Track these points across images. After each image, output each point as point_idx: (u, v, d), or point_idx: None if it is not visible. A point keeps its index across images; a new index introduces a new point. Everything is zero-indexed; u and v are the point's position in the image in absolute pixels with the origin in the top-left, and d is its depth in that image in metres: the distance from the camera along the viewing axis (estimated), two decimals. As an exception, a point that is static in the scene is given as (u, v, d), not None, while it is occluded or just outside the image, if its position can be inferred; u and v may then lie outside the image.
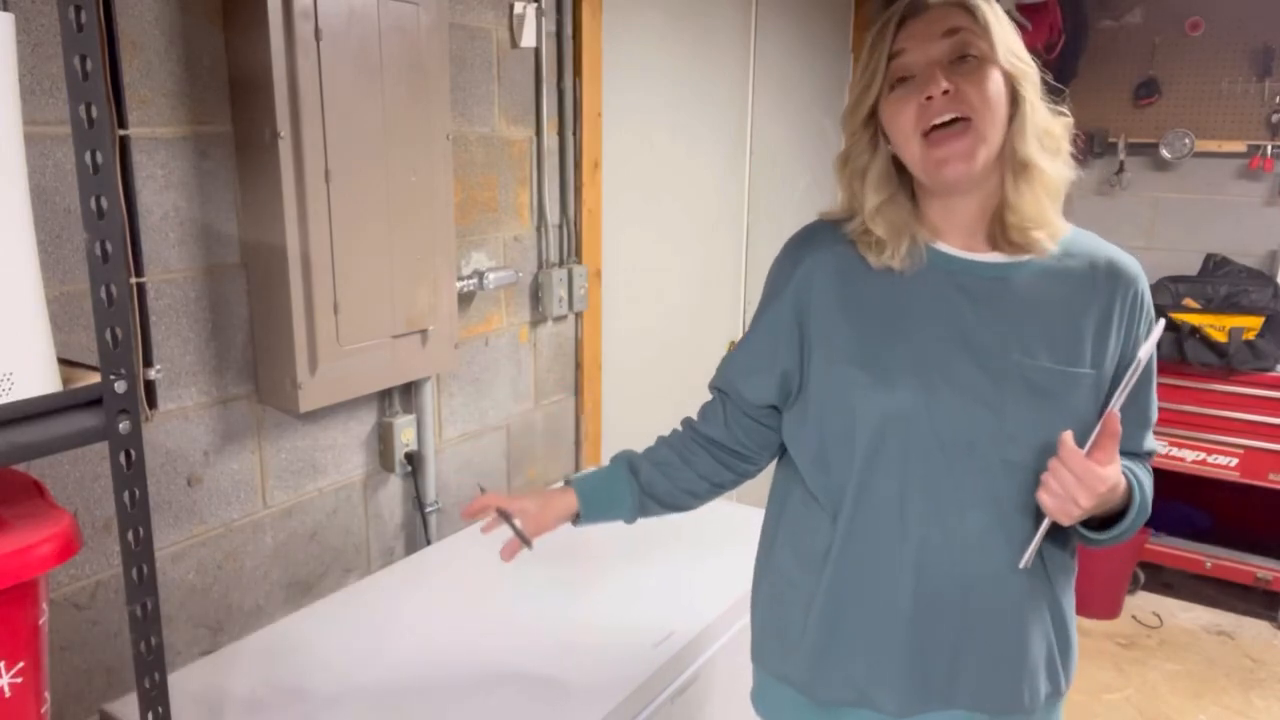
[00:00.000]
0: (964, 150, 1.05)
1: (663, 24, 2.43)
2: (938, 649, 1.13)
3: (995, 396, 1.08)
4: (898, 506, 1.11)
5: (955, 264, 1.13)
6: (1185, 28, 3.55)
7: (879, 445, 1.11)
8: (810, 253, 1.19)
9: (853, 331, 1.14)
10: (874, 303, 1.14)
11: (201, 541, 1.51)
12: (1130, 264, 1.15)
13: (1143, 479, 1.14)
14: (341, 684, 1.38)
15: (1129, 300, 1.13)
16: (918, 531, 1.11)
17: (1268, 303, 3.16)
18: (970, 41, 1.06)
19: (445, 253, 1.70)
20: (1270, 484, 3.16)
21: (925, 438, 1.09)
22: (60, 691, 1.33)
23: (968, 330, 1.10)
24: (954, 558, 1.11)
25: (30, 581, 0.86)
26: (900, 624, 1.13)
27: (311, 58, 1.41)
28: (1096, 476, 0.99)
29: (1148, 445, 1.19)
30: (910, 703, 1.15)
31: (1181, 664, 3.04)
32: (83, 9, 0.80)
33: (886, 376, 1.10)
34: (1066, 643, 1.19)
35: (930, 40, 1.06)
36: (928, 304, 1.12)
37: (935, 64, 1.05)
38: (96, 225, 0.84)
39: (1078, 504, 1.00)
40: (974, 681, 1.14)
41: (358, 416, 1.75)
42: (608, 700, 1.36)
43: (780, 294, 1.20)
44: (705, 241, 2.74)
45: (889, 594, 1.13)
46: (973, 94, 1.04)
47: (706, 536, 1.90)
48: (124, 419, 0.89)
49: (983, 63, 1.06)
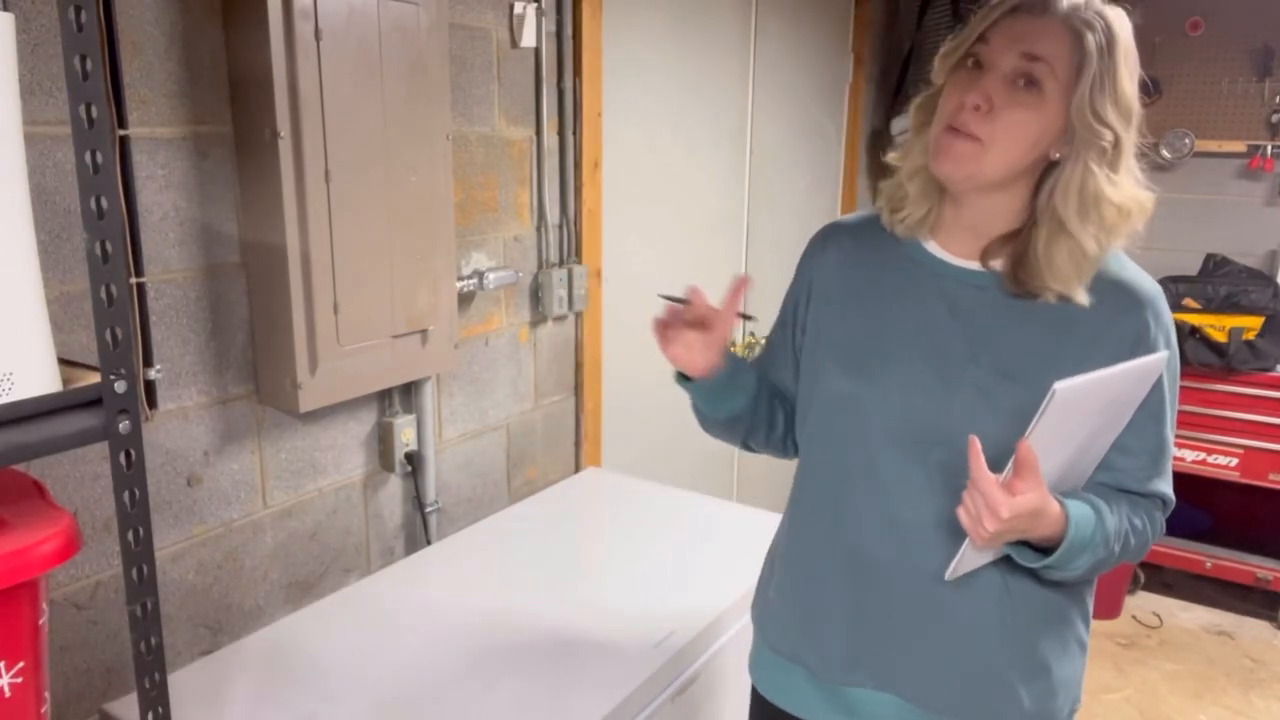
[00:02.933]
0: (962, 157, 1.04)
1: (663, 24, 2.43)
2: (875, 629, 1.15)
3: (944, 400, 1.08)
4: (840, 486, 1.17)
5: (942, 268, 1.14)
6: (1185, 28, 3.55)
7: (829, 426, 1.18)
8: (836, 238, 1.25)
9: (836, 318, 1.20)
10: (861, 293, 1.18)
11: (201, 541, 1.51)
12: (1143, 288, 1.09)
13: (1105, 515, 1.04)
14: (341, 684, 1.38)
15: (1133, 327, 1.07)
16: (856, 514, 1.15)
17: (1268, 303, 3.16)
18: (1042, 79, 1.01)
19: (445, 253, 1.70)
20: (1270, 484, 3.16)
21: (872, 426, 1.13)
22: (60, 691, 1.33)
23: (935, 333, 1.11)
24: (892, 547, 1.13)
25: (30, 581, 0.86)
26: (837, 595, 1.17)
27: (311, 58, 1.41)
28: (1000, 502, 0.94)
29: (1152, 487, 1.11)
30: (836, 671, 1.18)
31: (1181, 664, 3.04)
32: (83, 9, 0.80)
33: (849, 363, 1.16)
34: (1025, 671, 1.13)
35: (1009, 51, 1.02)
36: (907, 301, 1.14)
37: (996, 73, 1.03)
38: (96, 225, 0.84)
39: (985, 526, 0.96)
40: (916, 673, 1.14)
41: (358, 416, 1.75)
42: (608, 700, 1.36)
43: (800, 270, 1.28)
44: (705, 241, 2.74)
45: (829, 566, 1.18)
46: (1001, 124, 1.02)
47: (707, 536, 1.90)
48: (124, 419, 0.89)
49: (1037, 100, 1.02)
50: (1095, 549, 1.03)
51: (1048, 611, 1.14)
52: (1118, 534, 1.06)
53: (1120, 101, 1.02)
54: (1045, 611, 1.13)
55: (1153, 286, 1.10)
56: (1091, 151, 1.02)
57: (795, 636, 1.23)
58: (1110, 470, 1.10)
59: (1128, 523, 1.08)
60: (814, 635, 1.20)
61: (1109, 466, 1.10)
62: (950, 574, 1.06)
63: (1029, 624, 1.13)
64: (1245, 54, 3.47)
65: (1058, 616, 1.15)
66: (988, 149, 1.03)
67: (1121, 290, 1.08)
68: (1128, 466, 1.10)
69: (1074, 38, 1.01)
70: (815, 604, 1.20)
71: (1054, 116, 1.02)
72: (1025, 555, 1.04)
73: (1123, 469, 1.10)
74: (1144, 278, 1.11)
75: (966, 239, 1.12)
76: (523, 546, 1.86)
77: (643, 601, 1.64)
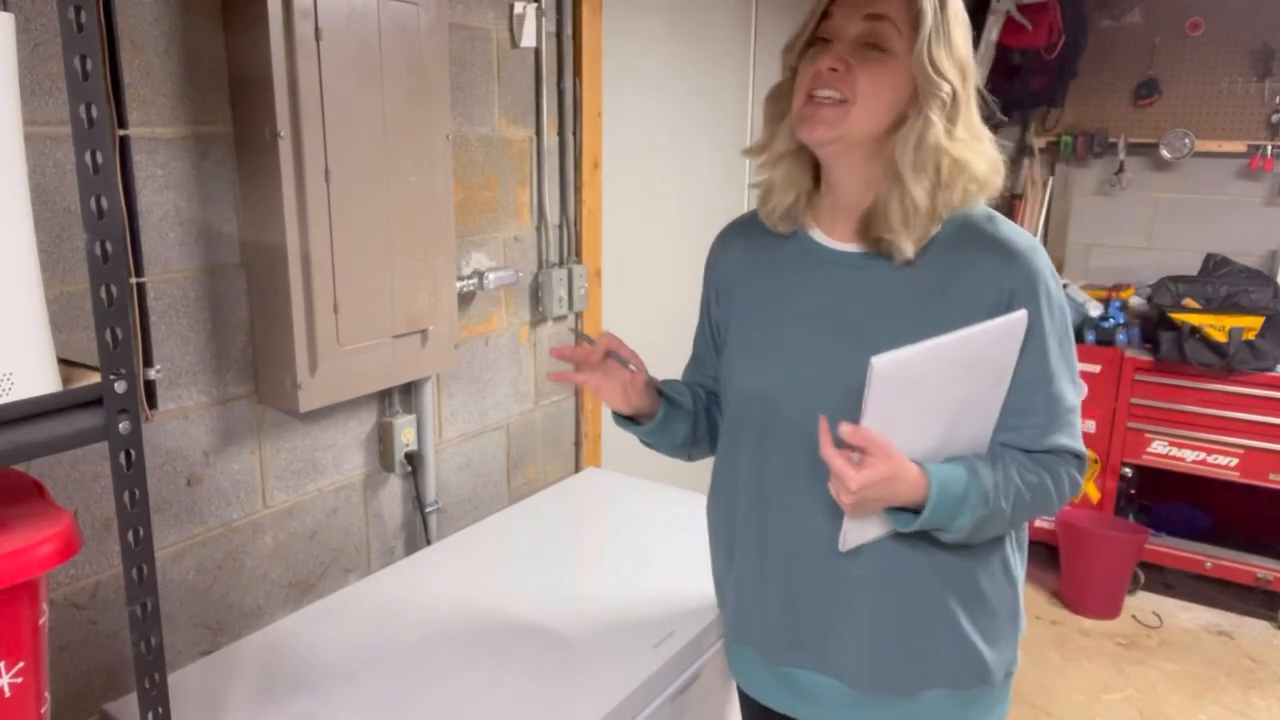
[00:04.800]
0: (830, 120, 1.08)
1: (663, 24, 2.43)
2: (807, 613, 1.19)
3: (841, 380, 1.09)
4: (755, 477, 1.21)
5: (823, 252, 1.19)
6: (1185, 28, 3.55)
7: (741, 421, 1.22)
8: (732, 238, 1.33)
9: (739, 318, 1.25)
10: (759, 290, 1.24)
11: (201, 541, 1.51)
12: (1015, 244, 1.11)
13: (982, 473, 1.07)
14: (341, 684, 1.38)
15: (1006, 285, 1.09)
16: (771, 503, 1.20)
17: (1268, 303, 3.16)
18: (886, 34, 1.07)
19: (445, 253, 1.70)
20: (1270, 484, 3.16)
21: (778, 418, 1.17)
22: (60, 691, 1.33)
23: (826, 320, 1.15)
24: (808, 533, 1.16)
25: (30, 581, 0.86)
26: (771, 580, 1.22)
27: (311, 58, 1.41)
28: (848, 476, 1.00)
29: (1050, 442, 1.13)
30: (779, 652, 1.24)
31: (1181, 664, 3.04)
32: (83, 9, 0.80)
33: (754, 359, 1.21)
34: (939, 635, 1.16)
35: (852, 17, 1.08)
36: (800, 292, 1.19)
37: (845, 41, 1.08)
38: (96, 225, 0.84)
39: (842, 500, 1.02)
40: (849, 656, 1.18)
41: (358, 416, 1.75)
42: (608, 700, 1.36)
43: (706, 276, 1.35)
44: (705, 241, 2.73)
45: (757, 554, 1.23)
46: (861, 81, 1.07)
47: (707, 536, 1.90)
48: (124, 419, 0.89)
49: (887, 58, 1.08)
50: (974, 507, 1.06)
51: (963, 579, 1.16)
52: (1002, 490, 1.08)
53: (955, 54, 1.08)
54: (961, 579, 1.16)
55: (1025, 242, 1.12)
56: (933, 104, 1.07)
57: (746, 622, 1.28)
58: (1007, 430, 1.14)
59: (1018, 478, 1.10)
60: (759, 618, 1.25)
61: (1007, 427, 1.14)
62: (842, 546, 1.10)
63: (948, 593, 1.16)
64: (1245, 54, 3.48)
65: (973, 582, 1.17)
66: (851, 106, 1.08)
67: (993, 248, 1.11)
68: (1022, 425, 1.13)
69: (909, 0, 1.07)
70: (755, 589, 1.24)
71: (903, 74, 1.08)
72: (901, 520, 1.08)
73: (1018, 428, 1.13)
74: (1017, 234, 1.13)
75: (845, 221, 1.17)
76: (523, 546, 1.86)
77: (642, 602, 1.64)
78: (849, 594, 1.16)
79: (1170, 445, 3.30)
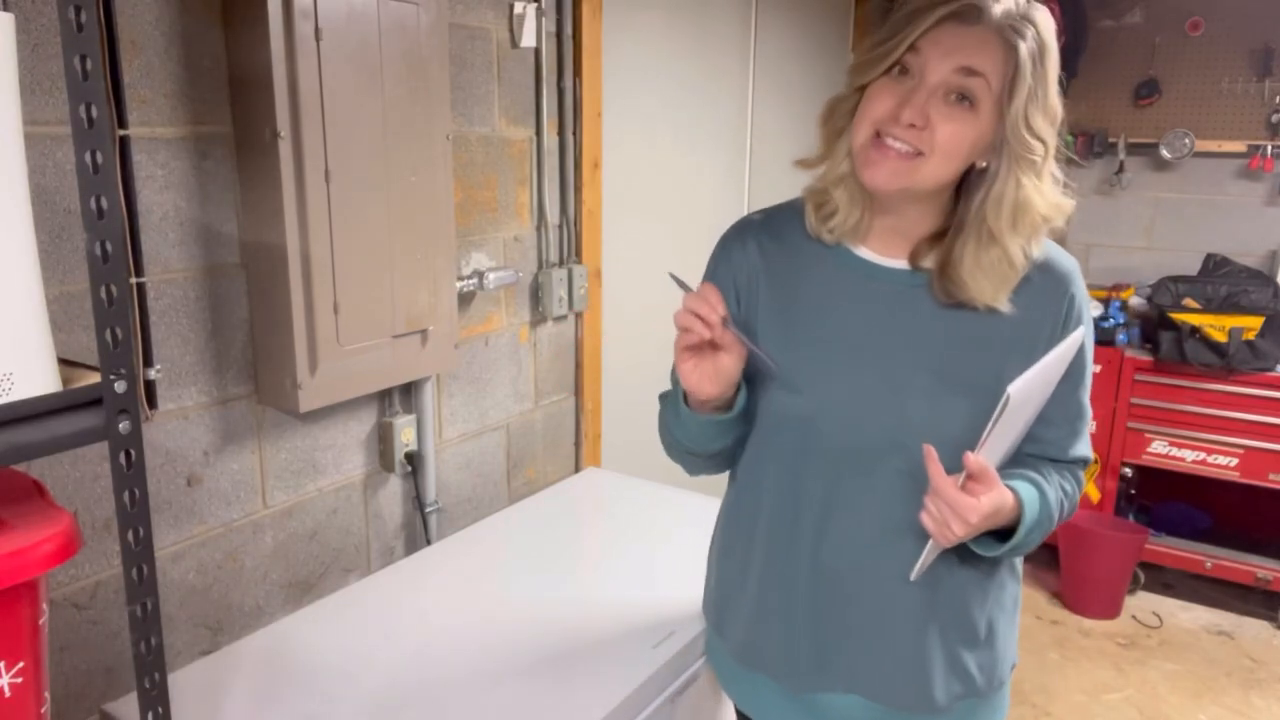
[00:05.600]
0: (898, 171, 1.03)
1: (663, 24, 2.43)
2: (837, 634, 1.16)
3: (898, 409, 1.08)
4: (788, 500, 1.16)
5: (875, 270, 1.13)
6: (1185, 28, 3.55)
7: (779, 443, 1.16)
8: (753, 236, 1.19)
9: (778, 329, 1.15)
10: (791, 301, 1.15)
11: (201, 541, 1.51)
12: (1063, 266, 1.11)
13: (1047, 490, 1.09)
14: (341, 684, 1.38)
15: (1061, 306, 1.10)
16: (814, 525, 1.14)
17: (1268, 303, 3.16)
18: (979, 93, 1.00)
19: (445, 253, 1.70)
20: (1270, 484, 3.16)
21: (822, 439, 1.11)
22: (60, 691, 1.33)
23: (879, 339, 1.10)
24: (850, 555, 1.13)
25: (30, 581, 0.86)
26: (803, 606, 1.17)
27: (311, 58, 1.40)
28: (968, 507, 0.98)
29: (1075, 452, 1.15)
30: (800, 677, 1.19)
31: (1181, 664, 3.04)
32: (83, 9, 0.80)
33: (793, 381, 1.12)
34: (976, 645, 1.17)
35: (944, 64, 1.00)
36: (845, 309, 1.12)
37: (928, 87, 1.01)
38: (96, 225, 0.84)
39: (953, 530, 1.00)
40: (877, 671, 1.16)
41: (358, 416, 1.75)
42: (608, 700, 1.35)
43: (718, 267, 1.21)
44: (705, 241, 2.73)
45: (792, 579, 1.17)
46: (940, 134, 1.00)
47: (707, 536, 1.90)
48: (124, 419, 0.89)
49: (972, 115, 1.01)
50: (1044, 523, 1.09)
51: (988, 583, 1.17)
52: (1058, 503, 1.11)
53: (1049, 111, 1.04)
54: (985, 584, 1.17)
55: (1070, 262, 1.13)
56: (1022, 163, 1.03)
57: (762, 648, 1.23)
58: (1035, 441, 1.14)
59: (1061, 491, 1.13)
60: (781, 646, 1.20)
61: (1034, 438, 1.14)
62: (915, 574, 1.09)
63: (975, 600, 1.16)
64: (1245, 54, 3.47)
65: (997, 584, 1.18)
66: (925, 161, 1.02)
67: (1045, 272, 1.10)
68: (1051, 437, 1.13)
69: (1007, 50, 1.00)
70: (778, 611, 1.20)
71: (986, 129, 1.02)
72: (986, 545, 1.08)
73: (1047, 439, 1.14)
74: (1061, 255, 1.13)
75: (895, 241, 1.12)
76: (523, 546, 1.86)
77: (642, 601, 1.64)
78: (898, 615, 1.14)
79: (1170, 445, 3.30)
